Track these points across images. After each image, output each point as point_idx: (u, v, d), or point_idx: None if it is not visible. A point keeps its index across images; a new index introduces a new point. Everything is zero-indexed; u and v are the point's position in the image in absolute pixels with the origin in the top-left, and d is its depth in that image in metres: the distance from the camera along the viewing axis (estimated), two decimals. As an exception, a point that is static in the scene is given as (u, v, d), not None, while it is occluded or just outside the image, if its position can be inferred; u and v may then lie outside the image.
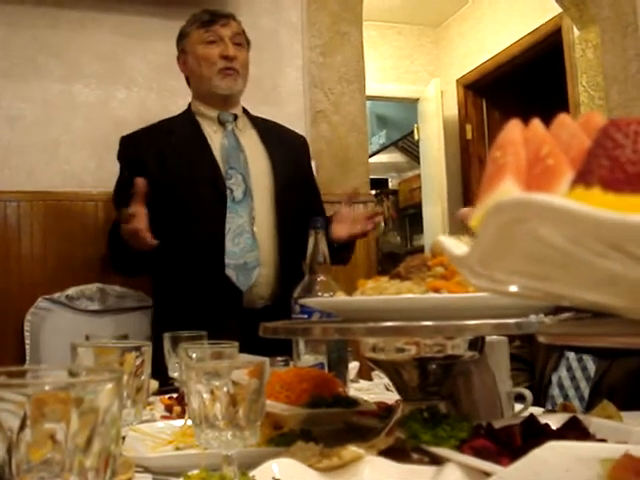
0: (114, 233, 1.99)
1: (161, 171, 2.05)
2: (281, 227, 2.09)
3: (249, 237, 2.02)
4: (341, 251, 2.03)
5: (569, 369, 1.56)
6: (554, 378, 1.58)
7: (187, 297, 2.03)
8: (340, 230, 1.98)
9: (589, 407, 1.37)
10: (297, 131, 2.41)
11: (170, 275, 2.09)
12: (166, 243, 1.95)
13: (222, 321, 1.90)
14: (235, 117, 2.16)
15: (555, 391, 1.57)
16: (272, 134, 2.23)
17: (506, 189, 0.36)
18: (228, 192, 2.03)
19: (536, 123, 0.41)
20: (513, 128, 0.41)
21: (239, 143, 2.12)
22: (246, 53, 2.18)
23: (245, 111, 2.24)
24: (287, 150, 2.21)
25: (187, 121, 2.18)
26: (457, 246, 0.37)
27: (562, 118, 0.42)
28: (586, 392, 1.50)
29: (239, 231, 2.01)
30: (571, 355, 1.57)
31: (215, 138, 2.13)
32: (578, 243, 0.29)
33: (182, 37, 2.20)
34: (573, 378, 1.54)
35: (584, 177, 0.31)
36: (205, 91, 2.15)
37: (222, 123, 2.15)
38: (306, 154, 2.34)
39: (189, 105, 2.23)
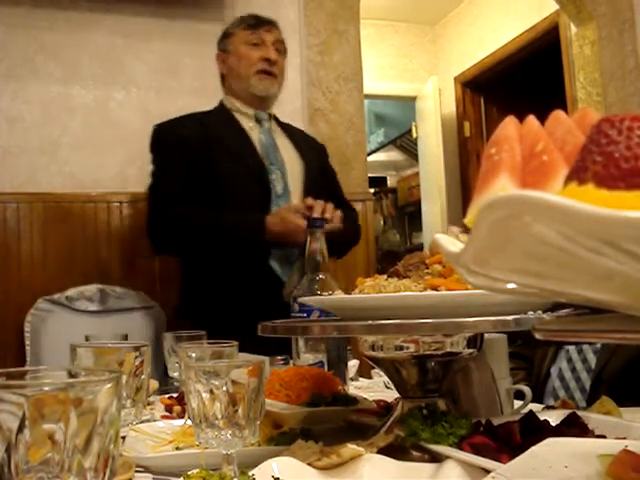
0: (168, 214, 2.05)
1: (203, 158, 2.11)
2: None
3: None
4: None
5: (569, 361, 1.56)
6: (554, 371, 1.58)
7: (229, 287, 2.07)
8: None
9: (590, 398, 1.37)
10: (295, 130, 2.43)
11: (212, 265, 2.11)
12: (214, 235, 2.02)
13: (263, 311, 1.92)
14: (270, 117, 2.26)
15: (556, 383, 1.57)
16: (300, 138, 2.34)
17: (501, 186, 0.36)
18: (271, 186, 2.12)
19: (531, 119, 0.41)
20: (508, 125, 0.41)
21: (275, 141, 2.22)
22: (284, 60, 2.28)
23: (275, 117, 2.33)
24: (314, 154, 2.32)
25: (223, 115, 2.24)
26: (452, 244, 0.37)
27: (557, 114, 0.42)
28: (587, 384, 1.50)
29: None
30: (571, 347, 1.57)
31: (253, 134, 2.20)
32: (572, 240, 0.29)
33: (226, 36, 2.29)
34: (574, 370, 1.55)
35: (578, 173, 0.31)
36: (242, 90, 2.23)
37: (258, 121, 2.23)
38: (327, 160, 2.45)
39: (221, 102, 2.29)
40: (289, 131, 2.33)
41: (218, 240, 2.01)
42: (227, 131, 2.20)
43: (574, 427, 0.83)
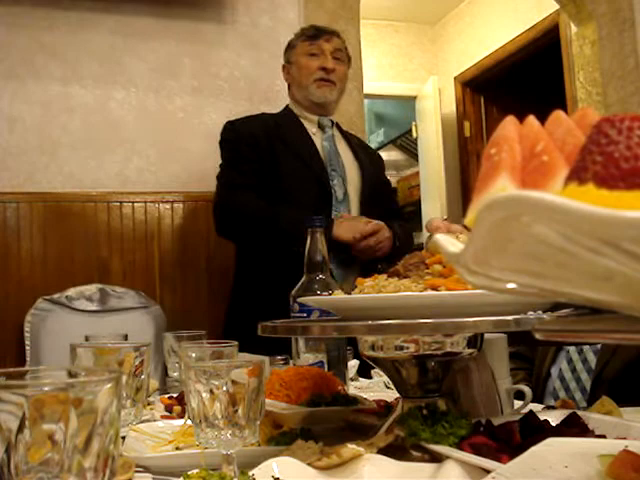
0: (240, 200, 2.14)
1: (269, 156, 2.19)
2: None
3: None
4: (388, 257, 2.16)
5: (570, 361, 1.56)
6: (554, 371, 1.58)
7: (279, 290, 2.09)
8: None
9: (591, 399, 1.37)
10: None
11: (267, 267, 2.16)
12: (277, 236, 2.08)
13: None
14: (332, 123, 2.34)
15: (557, 384, 1.57)
16: (358, 145, 2.42)
17: (501, 186, 0.36)
18: (332, 191, 2.19)
19: (531, 119, 0.41)
20: (508, 125, 0.41)
21: (336, 148, 2.29)
22: (345, 68, 2.35)
23: (337, 124, 2.40)
24: (371, 161, 2.39)
25: (290, 118, 2.32)
26: (452, 244, 0.37)
27: (557, 114, 0.42)
28: (587, 384, 1.50)
29: None
30: (571, 347, 1.57)
31: (316, 139, 2.28)
32: (572, 240, 0.29)
33: (289, 48, 2.39)
34: (574, 370, 1.54)
35: (578, 173, 0.31)
36: (303, 98, 2.32)
37: (321, 127, 2.31)
38: (382, 168, 2.52)
39: (287, 107, 2.37)
40: (348, 139, 2.41)
41: (277, 232, 2.07)
42: (293, 133, 2.28)
43: (574, 427, 0.83)
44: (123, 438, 0.89)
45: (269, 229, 2.10)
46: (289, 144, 2.24)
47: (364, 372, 1.66)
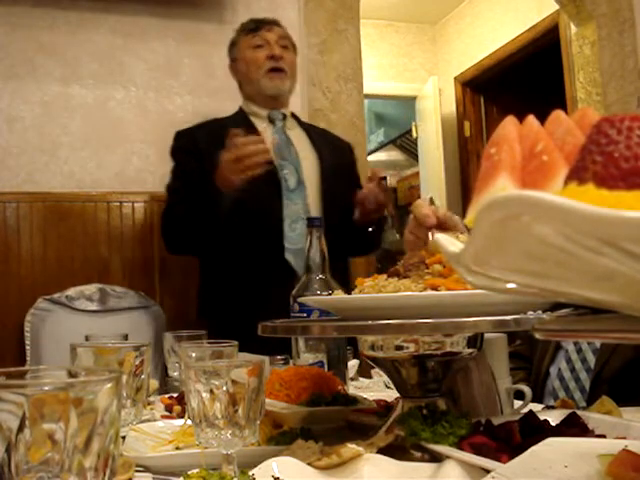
0: (175, 213, 2.12)
1: (216, 163, 2.12)
2: (328, 220, 2.15)
3: (305, 223, 2.09)
4: (374, 233, 2.19)
5: (569, 361, 1.56)
6: (553, 370, 1.58)
7: (245, 281, 2.13)
8: (355, 213, 2.11)
9: (590, 399, 1.37)
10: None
11: (226, 262, 2.17)
12: (225, 231, 2.08)
13: (277, 303, 1.95)
14: (284, 116, 2.30)
15: (556, 383, 1.57)
16: (319, 135, 2.38)
17: (501, 186, 0.36)
18: (282, 181, 2.16)
19: (531, 119, 0.41)
20: (508, 125, 0.41)
21: (289, 138, 2.26)
22: (293, 55, 2.32)
23: (295, 116, 2.39)
24: (333, 151, 2.34)
25: (239, 119, 2.29)
26: (452, 243, 0.37)
27: (557, 114, 0.42)
28: (587, 384, 1.50)
29: (295, 217, 2.14)
30: (570, 347, 1.57)
31: (266, 133, 2.23)
32: (572, 240, 0.29)
33: (232, 46, 2.36)
34: (573, 370, 1.54)
35: (578, 173, 0.31)
36: (255, 93, 2.29)
37: (272, 121, 2.28)
38: (352, 158, 2.47)
39: (240, 108, 2.34)
40: (309, 128, 2.39)
41: (210, 218, 2.04)
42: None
43: (574, 427, 0.83)
44: (123, 438, 0.89)
45: (201, 222, 2.07)
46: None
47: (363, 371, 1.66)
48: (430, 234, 1.10)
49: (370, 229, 2.12)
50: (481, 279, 0.37)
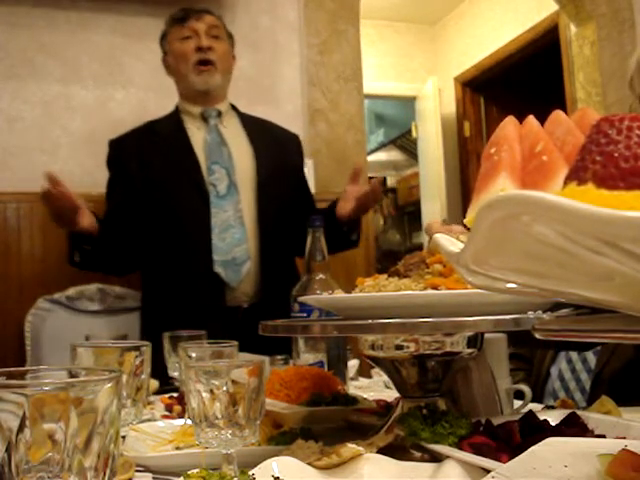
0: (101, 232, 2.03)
1: (143, 173, 2.06)
2: (263, 222, 2.07)
3: (236, 231, 2.00)
4: (350, 232, 2.06)
5: (569, 361, 1.56)
6: (554, 371, 1.59)
7: (177, 296, 2.03)
8: (345, 207, 1.98)
9: (590, 399, 1.37)
10: (294, 130, 2.40)
11: (159, 275, 2.10)
12: (154, 244, 2.01)
13: (208, 319, 1.89)
14: (219, 113, 2.14)
15: (556, 384, 1.57)
16: (260, 131, 2.21)
17: (501, 186, 0.36)
18: (211, 188, 2.02)
19: (531, 119, 0.41)
20: (508, 125, 0.41)
21: (222, 138, 2.10)
22: (225, 46, 2.14)
23: (234, 108, 2.23)
24: (274, 146, 2.19)
25: (171, 120, 2.17)
26: (452, 243, 0.37)
27: (557, 114, 0.42)
28: (587, 384, 1.50)
29: (225, 226, 2.00)
30: None
31: (198, 134, 2.11)
32: (572, 240, 0.29)
33: (162, 38, 2.21)
34: (574, 370, 1.55)
35: (577, 173, 0.31)
36: (186, 89, 2.15)
37: (205, 119, 2.13)
38: (297, 151, 2.32)
39: (175, 106, 2.23)
40: (249, 123, 2.20)
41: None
42: (169, 138, 2.11)
43: (574, 427, 0.83)
44: (123, 438, 0.89)
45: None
46: (162, 151, 2.08)
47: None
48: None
49: (345, 228, 2.01)
50: (481, 279, 0.37)
